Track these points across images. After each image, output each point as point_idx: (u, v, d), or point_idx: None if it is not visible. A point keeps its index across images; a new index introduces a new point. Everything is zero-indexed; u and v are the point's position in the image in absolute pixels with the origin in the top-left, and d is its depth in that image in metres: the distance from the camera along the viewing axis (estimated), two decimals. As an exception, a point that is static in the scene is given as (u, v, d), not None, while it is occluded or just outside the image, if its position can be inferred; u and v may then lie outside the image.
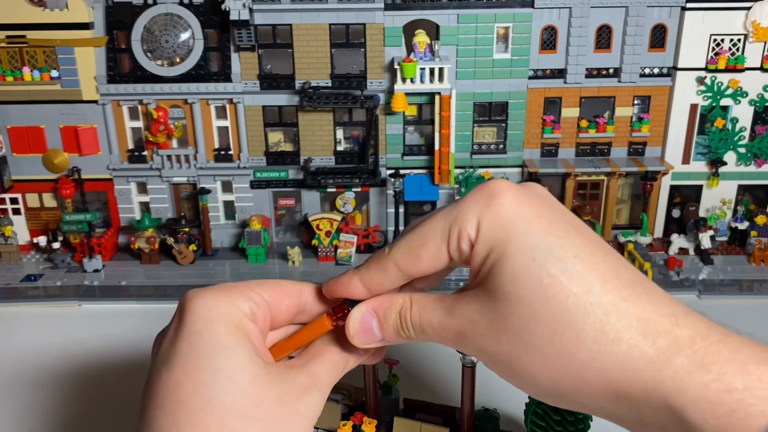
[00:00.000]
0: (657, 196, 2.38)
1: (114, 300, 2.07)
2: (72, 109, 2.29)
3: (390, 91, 2.25)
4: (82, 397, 1.57)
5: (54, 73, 2.23)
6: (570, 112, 2.34)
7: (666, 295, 0.48)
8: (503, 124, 2.35)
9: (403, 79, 2.20)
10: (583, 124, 2.33)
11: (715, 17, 2.20)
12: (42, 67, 2.23)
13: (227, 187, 2.43)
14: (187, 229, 2.35)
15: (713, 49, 2.24)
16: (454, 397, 1.22)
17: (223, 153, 2.36)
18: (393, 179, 2.30)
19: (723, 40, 2.23)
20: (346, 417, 1.22)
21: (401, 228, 2.35)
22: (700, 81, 2.27)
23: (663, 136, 2.36)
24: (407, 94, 2.23)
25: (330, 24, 2.21)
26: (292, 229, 2.52)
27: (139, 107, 2.31)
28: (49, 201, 2.41)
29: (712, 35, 2.23)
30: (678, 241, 2.30)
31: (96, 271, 2.24)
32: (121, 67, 2.27)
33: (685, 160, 2.37)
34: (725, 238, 2.38)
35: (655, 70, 2.30)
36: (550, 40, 2.27)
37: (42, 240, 2.36)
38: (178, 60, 2.26)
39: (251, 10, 2.14)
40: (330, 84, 2.27)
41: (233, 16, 2.12)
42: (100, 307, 2.05)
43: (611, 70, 2.30)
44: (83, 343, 1.79)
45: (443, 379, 1.50)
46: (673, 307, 0.47)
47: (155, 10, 2.21)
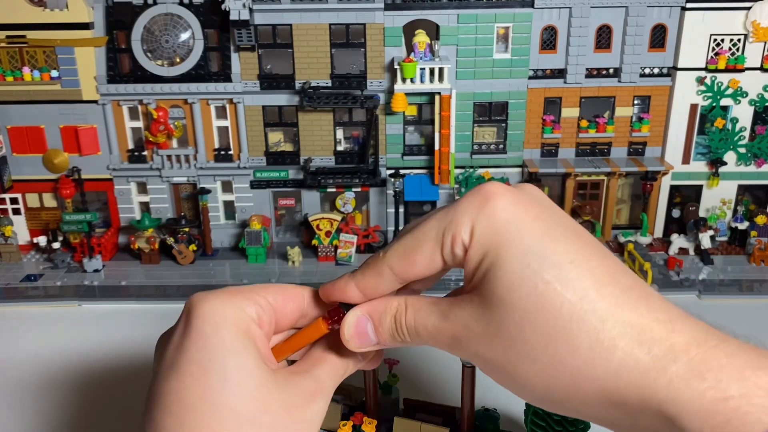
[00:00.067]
0: (657, 196, 2.38)
1: (114, 300, 2.07)
2: (72, 109, 2.29)
3: (390, 91, 2.25)
4: (82, 397, 1.57)
5: (54, 73, 2.23)
6: (570, 112, 2.34)
7: (663, 300, 0.48)
8: (503, 124, 2.35)
9: (403, 79, 2.20)
10: (583, 124, 2.33)
11: (715, 17, 2.20)
12: (42, 67, 2.23)
13: (227, 187, 2.43)
14: (187, 229, 2.35)
15: (713, 49, 2.24)
16: (454, 397, 1.22)
17: (223, 153, 2.36)
18: (393, 179, 2.30)
19: (723, 40, 2.23)
20: (346, 417, 1.22)
21: (401, 228, 2.35)
22: (700, 81, 2.27)
23: (663, 136, 2.36)
24: (407, 94, 2.23)
25: (330, 24, 2.21)
26: (292, 229, 2.52)
27: (139, 107, 2.31)
28: (49, 201, 2.41)
29: (712, 35, 2.23)
30: (678, 241, 2.30)
31: (96, 271, 2.24)
32: (121, 67, 2.27)
33: (685, 160, 2.37)
34: (725, 238, 2.38)
35: (655, 70, 2.30)
36: (550, 40, 2.27)
37: (42, 240, 2.36)
38: (178, 60, 2.26)
39: (251, 10, 2.14)
40: (330, 84, 2.27)
41: (233, 16, 2.12)
42: (100, 307, 2.05)
43: (611, 70, 2.30)
44: (83, 343, 1.79)
45: (443, 379, 1.50)
46: (670, 312, 0.46)
47: (155, 10, 2.21)
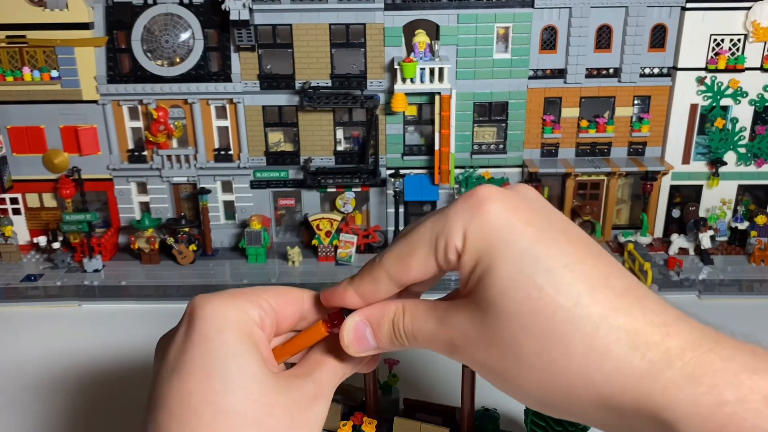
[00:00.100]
0: (657, 196, 2.38)
1: (114, 300, 2.07)
2: (72, 109, 2.29)
3: (390, 91, 2.25)
4: (82, 398, 1.57)
5: (54, 73, 2.23)
6: (570, 112, 2.34)
7: (659, 302, 0.47)
8: (503, 124, 2.35)
9: (403, 79, 2.20)
10: (583, 124, 2.33)
11: (715, 17, 2.20)
12: (42, 67, 2.23)
13: (227, 187, 2.43)
14: (187, 229, 2.35)
15: (713, 49, 2.24)
16: (454, 397, 1.22)
17: (223, 153, 2.36)
18: (393, 179, 2.30)
19: (723, 40, 2.23)
20: (346, 417, 1.22)
21: (401, 228, 2.35)
22: (700, 81, 2.27)
23: (663, 136, 2.36)
24: (407, 94, 2.23)
25: (330, 24, 2.21)
26: (292, 229, 2.52)
27: (139, 107, 2.31)
28: (49, 201, 2.41)
29: (712, 35, 2.23)
30: (678, 241, 2.30)
31: (96, 271, 2.24)
32: (121, 67, 2.27)
33: (685, 160, 2.37)
34: (725, 238, 2.38)
35: (655, 70, 2.29)
36: (550, 40, 2.27)
37: (42, 240, 2.36)
38: (178, 60, 2.26)
39: (251, 10, 2.14)
40: (330, 84, 2.27)
41: (233, 16, 2.12)
42: (100, 307, 2.04)
43: (611, 70, 2.30)
44: (83, 343, 1.79)
45: (443, 379, 1.50)
46: (665, 315, 0.46)
47: (155, 10, 2.21)
